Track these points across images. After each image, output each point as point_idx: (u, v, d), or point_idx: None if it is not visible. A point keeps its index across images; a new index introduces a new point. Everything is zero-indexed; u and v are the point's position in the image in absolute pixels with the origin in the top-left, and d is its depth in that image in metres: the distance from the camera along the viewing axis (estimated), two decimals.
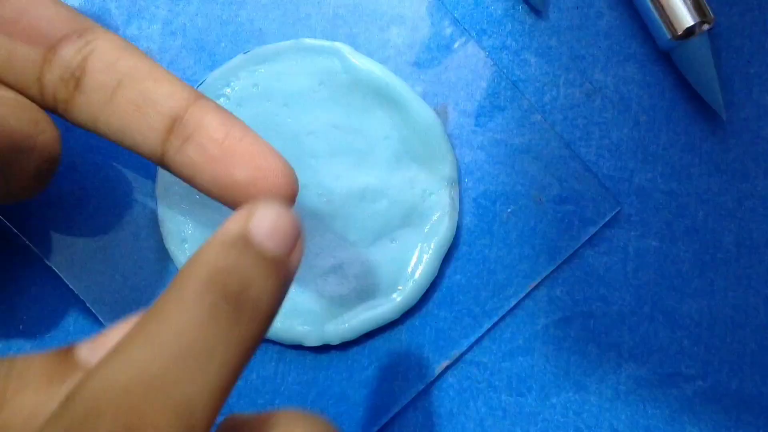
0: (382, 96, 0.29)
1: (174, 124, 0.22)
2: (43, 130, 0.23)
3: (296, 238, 0.19)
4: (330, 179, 0.29)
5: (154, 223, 0.29)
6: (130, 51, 0.22)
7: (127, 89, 0.22)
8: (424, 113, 0.29)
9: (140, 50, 0.23)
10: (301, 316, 0.28)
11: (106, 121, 0.22)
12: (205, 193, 0.23)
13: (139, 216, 0.29)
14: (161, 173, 0.29)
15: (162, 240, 0.29)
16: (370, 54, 0.29)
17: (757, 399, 0.29)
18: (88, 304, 0.28)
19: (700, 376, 0.29)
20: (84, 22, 0.23)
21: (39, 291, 0.29)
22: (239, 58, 0.29)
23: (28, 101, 0.23)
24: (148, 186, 0.29)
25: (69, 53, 0.22)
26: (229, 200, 0.22)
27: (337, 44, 0.29)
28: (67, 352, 0.19)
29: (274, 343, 0.29)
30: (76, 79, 0.22)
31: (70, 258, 0.29)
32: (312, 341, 0.28)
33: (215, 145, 0.22)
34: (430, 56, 0.30)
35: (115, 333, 0.19)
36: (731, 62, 0.30)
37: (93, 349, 0.18)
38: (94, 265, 0.29)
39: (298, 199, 0.29)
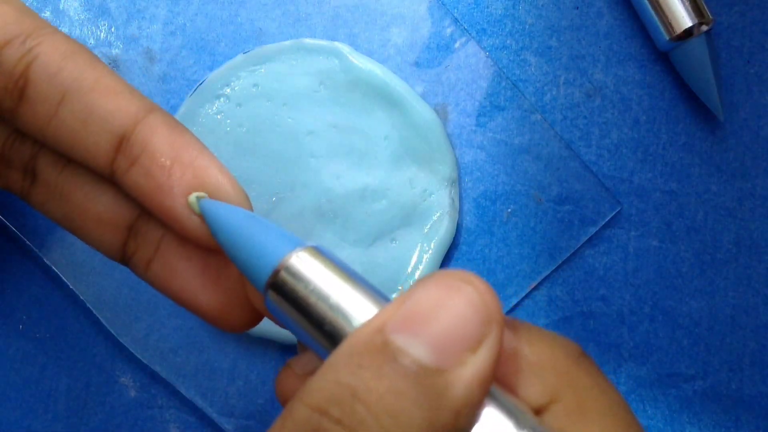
0: (382, 96, 0.29)
1: (122, 142, 0.20)
2: None
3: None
4: (330, 179, 0.29)
5: None
6: (75, 58, 0.21)
7: (72, 103, 0.20)
8: (424, 113, 0.29)
9: (89, 54, 0.21)
10: None
11: (53, 135, 0.21)
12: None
13: None
14: None
15: None
16: (370, 54, 0.29)
17: (757, 399, 0.29)
18: (88, 304, 0.28)
19: (700, 376, 0.29)
20: (30, 22, 0.21)
21: (39, 291, 0.29)
22: (239, 58, 0.29)
23: None
24: None
25: (11, 61, 0.20)
26: (177, 229, 0.20)
27: (337, 44, 0.29)
28: None
29: (274, 342, 0.29)
30: (19, 89, 0.20)
31: (70, 258, 0.28)
32: None
33: (162, 172, 0.20)
34: (431, 56, 0.30)
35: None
36: (730, 62, 0.30)
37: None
38: (94, 265, 0.29)
39: (298, 199, 0.29)
